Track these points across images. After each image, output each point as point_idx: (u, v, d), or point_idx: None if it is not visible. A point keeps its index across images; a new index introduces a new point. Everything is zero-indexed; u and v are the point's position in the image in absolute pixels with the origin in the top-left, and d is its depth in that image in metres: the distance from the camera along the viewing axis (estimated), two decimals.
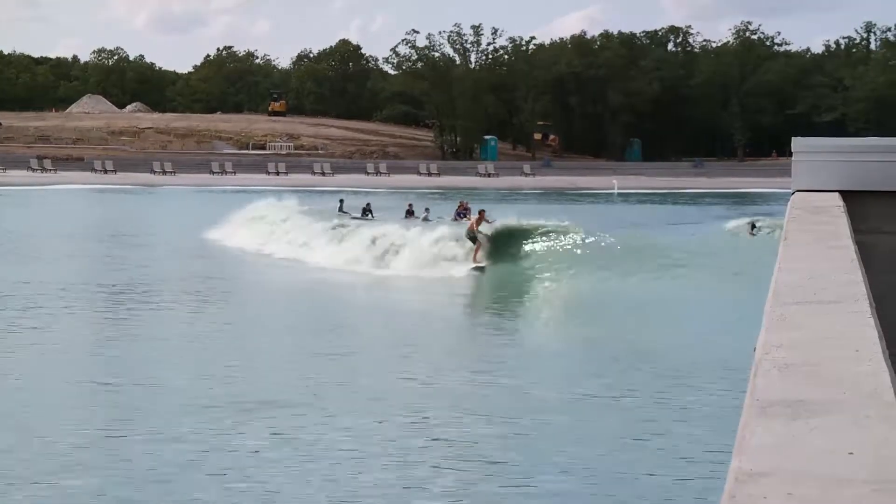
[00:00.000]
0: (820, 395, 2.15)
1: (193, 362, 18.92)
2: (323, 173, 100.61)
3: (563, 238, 32.92)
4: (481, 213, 34.17)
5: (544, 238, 33.33)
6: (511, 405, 15.76)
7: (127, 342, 20.83)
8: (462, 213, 45.12)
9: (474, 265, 32.03)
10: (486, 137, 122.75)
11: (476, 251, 32.68)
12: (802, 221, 5.31)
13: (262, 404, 15.42)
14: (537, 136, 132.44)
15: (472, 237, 33.04)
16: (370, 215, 45.19)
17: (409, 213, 43.74)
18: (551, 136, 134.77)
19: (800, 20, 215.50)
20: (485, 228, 35.21)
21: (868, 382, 2.22)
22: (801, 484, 1.69)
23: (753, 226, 42.47)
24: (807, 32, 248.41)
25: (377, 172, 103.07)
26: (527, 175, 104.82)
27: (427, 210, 43.50)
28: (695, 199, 76.06)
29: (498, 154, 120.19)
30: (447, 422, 14.75)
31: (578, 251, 31.82)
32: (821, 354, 2.49)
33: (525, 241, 33.40)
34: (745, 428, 1.96)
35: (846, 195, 6.32)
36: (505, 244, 33.37)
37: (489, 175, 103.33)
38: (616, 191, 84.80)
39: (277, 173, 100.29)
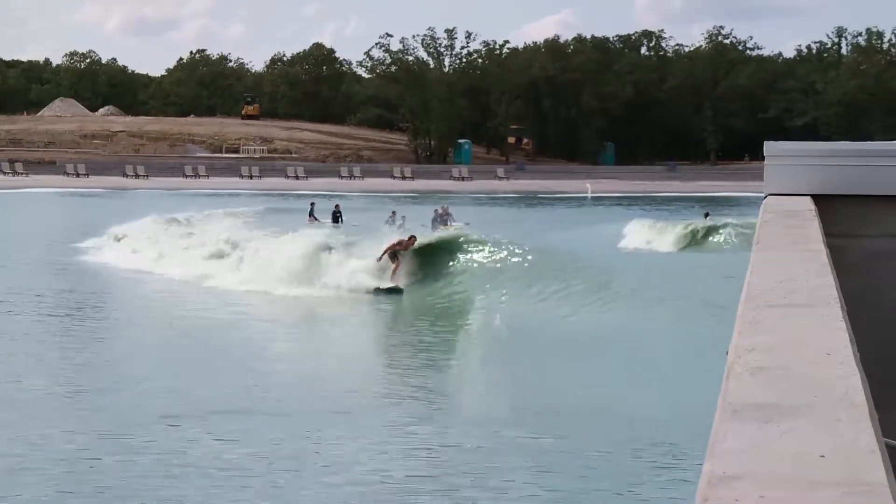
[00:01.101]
0: (791, 399, 2.16)
1: None
2: (296, 177, 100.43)
3: (485, 251, 30.33)
4: (411, 238, 31.45)
5: (468, 252, 30.66)
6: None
7: None
8: (442, 218, 45.15)
9: (389, 285, 29.49)
10: (460, 141, 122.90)
11: (395, 270, 30.19)
12: (775, 225, 5.34)
13: None
14: (511, 139, 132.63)
15: (393, 255, 30.49)
16: (340, 220, 45.22)
17: (391, 219, 43.73)
18: (525, 140, 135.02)
19: (772, 25, 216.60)
20: (443, 232, 35.33)
21: (839, 386, 2.23)
22: (773, 487, 1.70)
23: (707, 214, 46.29)
24: (779, 37, 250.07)
25: (351, 176, 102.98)
26: (501, 179, 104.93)
27: (403, 218, 43.44)
28: (668, 202, 76.31)
29: (472, 158, 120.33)
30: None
31: (504, 265, 29.26)
32: (792, 358, 2.50)
33: (450, 256, 30.73)
34: (717, 431, 1.97)
35: (818, 199, 6.35)
36: (429, 261, 30.84)
37: (463, 179, 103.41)
38: (590, 195, 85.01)
39: (251, 177, 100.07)
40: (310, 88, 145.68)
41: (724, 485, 1.72)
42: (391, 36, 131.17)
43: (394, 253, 30.43)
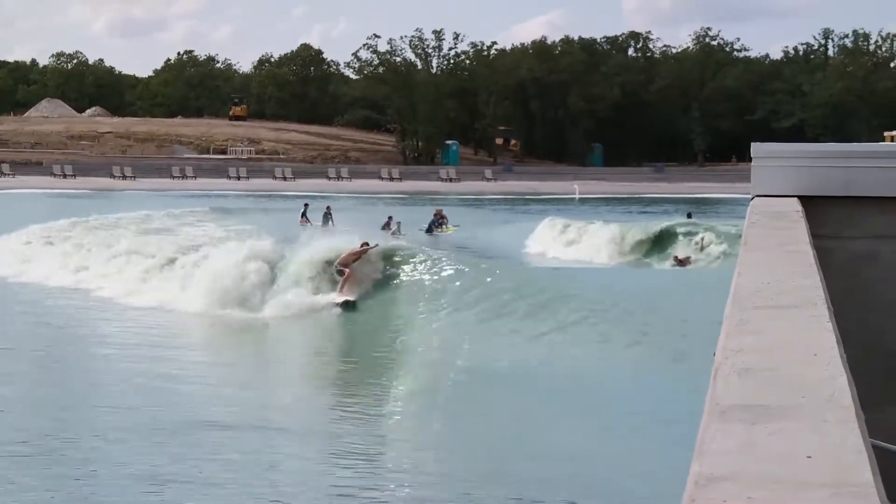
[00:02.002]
0: (779, 400, 2.16)
1: None
2: (284, 178, 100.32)
3: (435, 266, 26.88)
4: (363, 247, 27.69)
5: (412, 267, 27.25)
6: None
7: None
8: (438, 222, 45.23)
9: (339, 300, 26.00)
10: (448, 142, 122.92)
11: (343, 283, 26.50)
12: (762, 226, 5.35)
13: None
14: (499, 140, 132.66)
15: (341, 271, 26.85)
16: (330, 222, 45.25)
17: (387, 224, 43.54)
18: (513, 141, 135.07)
19: (759, 26, 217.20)
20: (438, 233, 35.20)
21: (826, 387, 2.23)
22: (761, 488, 1.70)
23: (689, 214, 44.28)
24: (766, 39, 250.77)
25: (339, 177, 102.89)
26: (488, 180, 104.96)
27: (398, 224, 43.38)
28: (655, 203, 76.39)
29: (460, 159, 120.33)
30: None
31: (457, 284, 25.45)
32: (780, 359, 2.51)
33: (395, 273, 27.40)
34: (704, 432, 1.97)
35: (805, 200, 6.37)
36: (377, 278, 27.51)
37: (451, 180, 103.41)
38: (577, 196, 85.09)
39: (238, 178, 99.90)
40: (297, 89, 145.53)
41: (712, 486, 1.72)
42: (379, 37, 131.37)
43: (345, 264, 26.88)
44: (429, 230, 44.17)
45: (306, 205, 48.42)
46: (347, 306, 25.84)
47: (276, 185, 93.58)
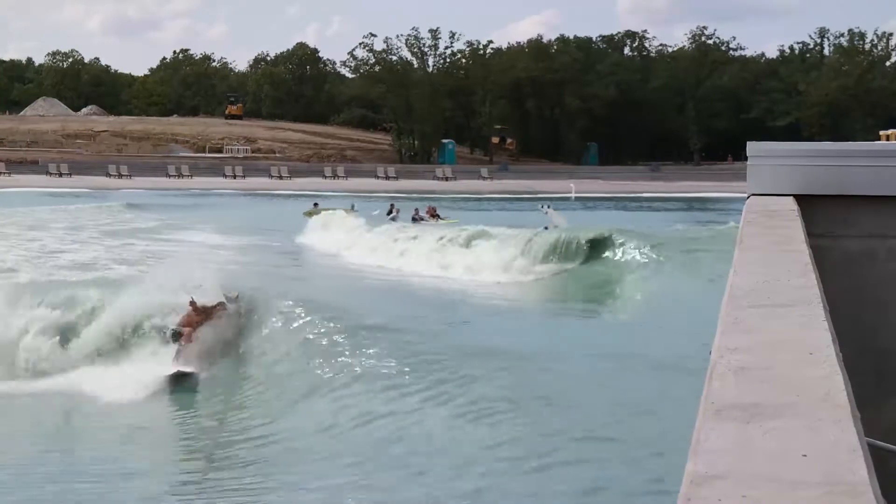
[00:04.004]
0: (774, 399, 2.16)
1: None
2: (280, 177, 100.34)
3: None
4: (218, 306, 20.76)
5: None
6: None
7: None
8: (421, 216, 45.43)
9: (175, 370, 18.97)
10: (444, 141, 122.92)
11: (180, 351, 19.65)
12: (757, 225, 5.35)
13: None
14: (495, 139, 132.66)
15: (177, 334, 20.06)
16: (397, 216, 47.00)
17: (390, 211, 47.47)
18: (508, 140, 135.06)
19: (754, 25, 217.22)
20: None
21: (821, 386, 2.24)
22: (756, 486, 1.70)
23: (547, 206, 44.68)
24: (761, 38, 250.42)
25: (335, 176, 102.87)
26: (484, 179, 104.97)
27: (398, 210, 47.53)
28: (651, 202, 76.39)
29: (456, 158, 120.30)
30: None
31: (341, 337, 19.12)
32: (775, 358, 2.51)
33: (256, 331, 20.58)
34: (699, 431, 1.97)
35: (801, 199, 6.37)
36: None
37: (447, 179, 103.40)
38: (573, 195, 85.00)
39: (234, 177, 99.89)
40: (293, 88, 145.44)
41: (707, 484, 1.72)
42: (375, 36, 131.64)
43: (189, 325, 20.25)
44: (413, 220, 45.40)
45: (316, 204, 51.44)
46: (180, 381, 18.88)
47: (273, 184, 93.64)
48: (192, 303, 20.40)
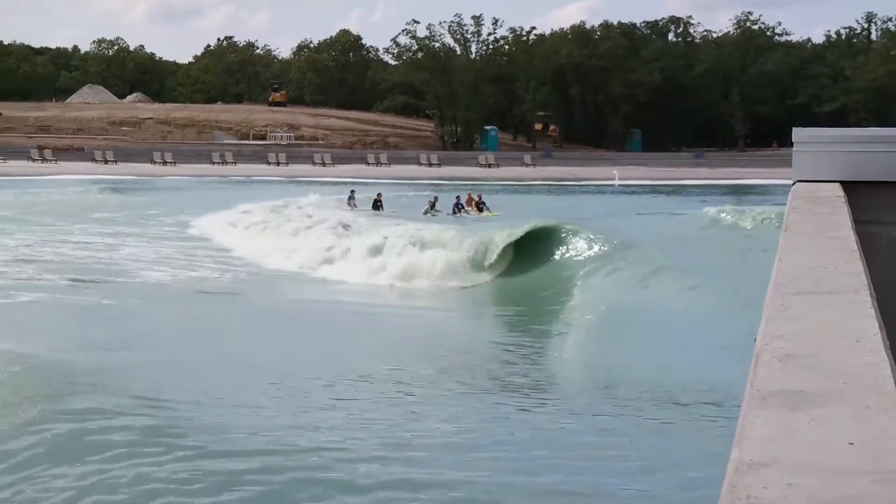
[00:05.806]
0: (820, 386, 2.15)
1: None
2: (323, 164, 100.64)
3: None
4: None
5: None
6: None
7: None
8: (460, 204, 45.22)
9: None
10: (487, 128, 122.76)
11: None
12: (803, 212, 5.31)
13: None
14: (538, 126, 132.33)
15: None
16: (380, 208, 46.08)
17: (432, 206, 45.16)
18: (552, 127, 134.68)
19: (800, 10, 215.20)
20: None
21: (868, 373, 2.22)
22: (801, 474, 1.69)
23: (434, 200, 44.44)
24: (807, 23, 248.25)
25: (378, 163, 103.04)
26: (527, 165, 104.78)
27: (435, 198, 45.69)
28: (695, 189, 75.91)
29: (498, 144, 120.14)
30: None
31: None
32: (821, 345, 2.49)
33: None
34: (745, 418, 1.96)
35: (847, 185, 6.31)
36: None
37: (489, 166, 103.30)
38: (617, 182, 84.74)
39: (278, 164, 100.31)
40: (336, 75, 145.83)
41: (752, 472, 1.71)
42: (418, 22, 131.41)
43: None
44: (453, 212, 44.68)
45: (353, 191, 49.13)
46: None
47: (316, 171, 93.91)
48: None
